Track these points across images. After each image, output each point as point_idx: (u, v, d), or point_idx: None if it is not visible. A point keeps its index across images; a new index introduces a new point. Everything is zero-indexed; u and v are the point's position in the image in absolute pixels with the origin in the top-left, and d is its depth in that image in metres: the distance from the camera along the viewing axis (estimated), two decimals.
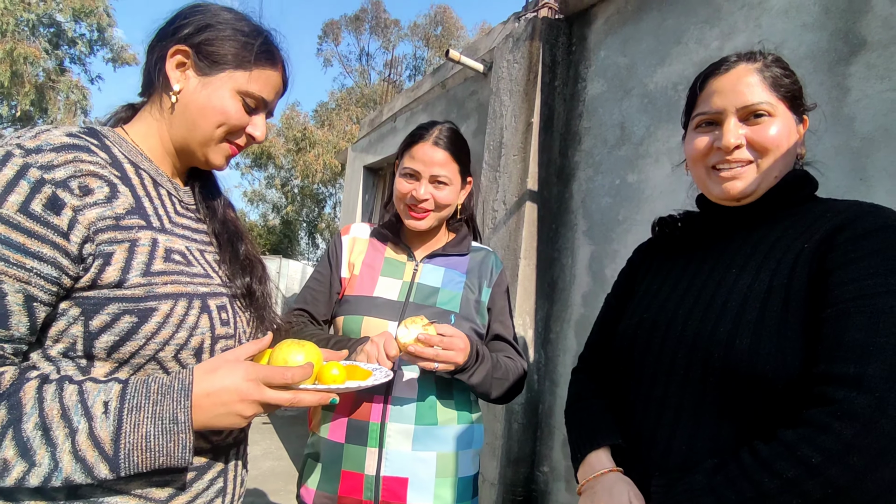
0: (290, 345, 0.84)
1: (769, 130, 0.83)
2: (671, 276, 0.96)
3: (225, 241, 0.94)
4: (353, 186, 5.18)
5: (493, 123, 2.74)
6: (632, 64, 2.21)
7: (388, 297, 1.30)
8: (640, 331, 0.93)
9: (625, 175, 2.18)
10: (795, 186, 0.86)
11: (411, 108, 4.09)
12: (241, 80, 0.85)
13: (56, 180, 0.68)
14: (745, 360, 0.75)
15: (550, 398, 2.40)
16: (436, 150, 1.27)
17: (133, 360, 0.73)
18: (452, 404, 1.27)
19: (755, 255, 0.83)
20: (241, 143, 0.91)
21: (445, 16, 22.36)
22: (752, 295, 0.78)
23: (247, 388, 0.74)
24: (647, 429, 0.87)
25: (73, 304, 0.70)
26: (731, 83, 0.85)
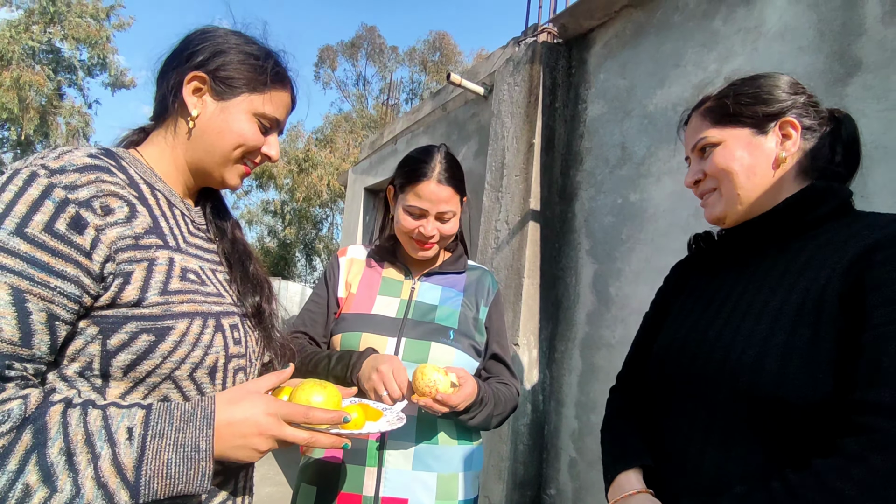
0: (313, 385, 0.85)
1: (713, 159, 0.90)
2: (704, 296, 0.95)
3: (235, 261, 0.95)
4: (354, 208, 5.21)
5: (494, 145, 2.78)
6: (631, 86, 2.25)
7: (387, 314, 1.29)
8: (671, 352, 0.92)
9: (627, 194, 2.20)
10: (808, 202, 0.84)
11: (412, 130, 4.14)
12: (256, 103, 0.88)
13: (79, 200, 0.69)
14: (772, 385, 0.73)
15: (556, 419, 2.38)
16: (441, 188, 1.24)
17: (149, 380, 0.74)
18: (454, 424, 1.25)
19: (787, 275, 0.81)
20: (257, 161, 0.94)
21: (444, 42, 22.78)
22: (782, 317, 0.76)
23: (267, 423, 0.74)
24: (676, 451, 0.86)
25: (92, 323, 0.71)
26: (688, 131, 0.98)
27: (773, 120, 0.87)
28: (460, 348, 1.25)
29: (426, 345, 1.23)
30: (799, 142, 0.87)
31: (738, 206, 0.89)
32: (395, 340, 1.25)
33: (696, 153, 0.94)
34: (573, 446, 2.27)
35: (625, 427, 1.01)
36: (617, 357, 2.13)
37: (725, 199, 0.89)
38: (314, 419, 0.77)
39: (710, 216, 0.93)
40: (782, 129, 0.87)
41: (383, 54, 23.34)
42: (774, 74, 0.92)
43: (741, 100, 0.89)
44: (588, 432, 2.21)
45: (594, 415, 2.18)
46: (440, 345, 1.23)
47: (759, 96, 0.89)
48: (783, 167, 0.87)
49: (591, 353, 2.26)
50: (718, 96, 0.93)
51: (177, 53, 0.88)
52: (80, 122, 14.59)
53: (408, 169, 1.27)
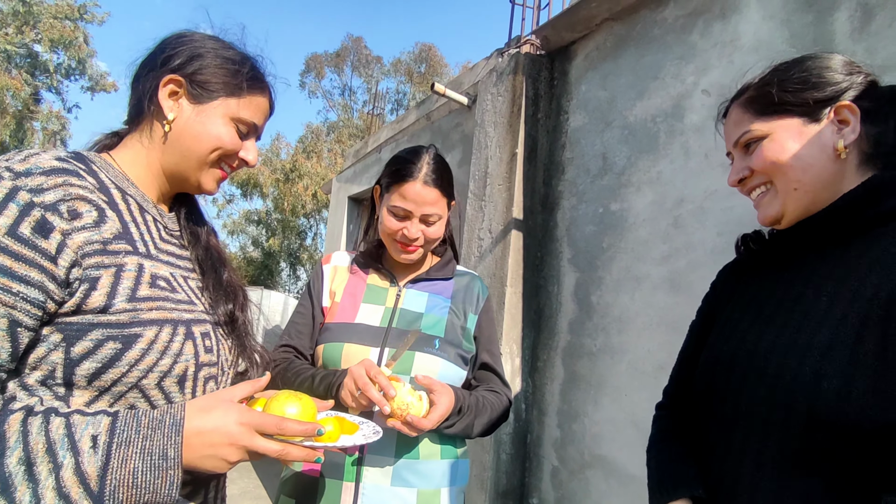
0: (288, 396, 0.83)
1: (761, 154, 0.81)
2: (754, 302, 0.86)
3: (208, 268, 0.93)
4: (338, 217, 5.18)
5: (478, 154, 2.80)
6: (612, 97, 2.29)
7: (370, 323, 1.26)
8: (719, 366, 0.84)
9: (608, 204, 2.23)
10: (873, 195, 0.75)
11: (396, 139, 4.15)
12: (233, 108, 0.87)
13: (45, 203, 0.68)
14: (833, 406, 0.65)
15: (538, 428, 2.37)
16: (427, 189, 1.20)
17: (114, 388, 0.71)
18: (437, 437, 1.21)
19: (850, 278, 0.72)
20: (234, 166, 0.93)
21: (430, 54, 22.95)
22: (845, 326, 0.69)
23: (238, 433, 0.72)
24: (727, 478, 0.79)
25: (55, 330, 0.68)
26: (728, 126, 0.90)
27: (826, 105, 0.78)
28: (446, 358, 1.22)
29: (410, 355, 1.20)
30: (858, 127, 0.77)
31: (798, 203, 0.80)
32: (379, 350, 1.21)
33: (739, 149, 0.86)
34: (555, 455, 2.26)
35: (673, 450, 0.93)
36: (598, 366, 2.14)
37: (782, 197, 0.81)
38: (287, 430, 0.75)
39: (764, 217, 0.84)
40: (838, 115, 0.78)
41: (369, 65, 23.43)
42: (824, 55, 0.83)
43: (787, 86, 0.80)
44: (570, 441, 2.21)
45: (576, 423, 2.18)
46: (425, 354, 1.20)
47: (809, 80, 0.79)
48: (843, 157, 0.77)
49: (573, 362, 2.26)
50: (761, 84, 0.84)
51: (153, 57, 0.87)
52: (57, 126, 14.34)
53: (394, 169, 1.25)
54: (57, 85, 14.81)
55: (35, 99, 14.29)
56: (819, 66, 0.81)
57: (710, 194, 1.83)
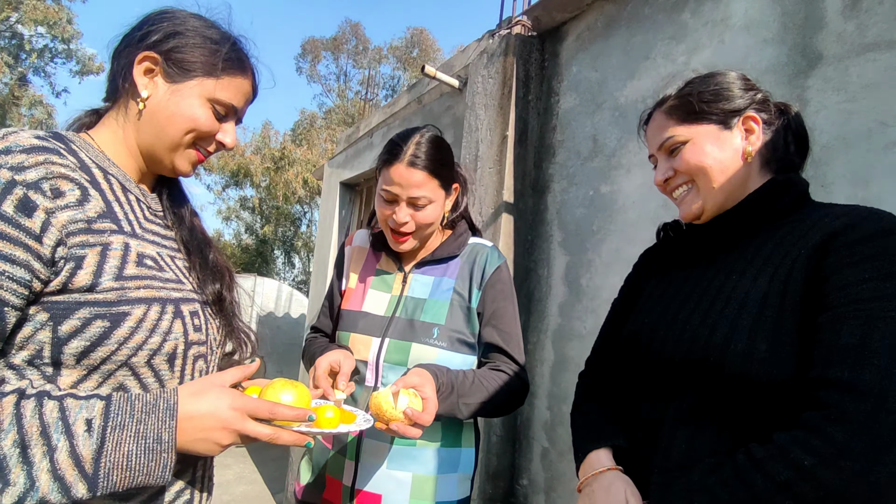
0: (283, 384, 0.85)
1: (684, 157, 0.92)
2: (674, 283, 0.98)
3: (194, 248, 0.93)
4: (330, 202, 5.15)
5: (468, 137, 2.77)
6: (603, 79, 2.27)
7: (376, 312, 1.27)
8: (641, 336, 0.95)
9: (598, 186, 2.22)
10: (773, 195, 0.89)
11: (388, 123, 4.11)
12: (210, 88, 0.85)
13: (27, 182, 0.67)
14: (739, 363, 0.76)
15: (528, 409, 2.39)
16: (411, 171, 1.18)
17: (104, 367, 0.71)
18: (438, 426, 1.22)
19: (755, 261, 0.85)
20: (211, 149, 0.91)
21: (422, 38, 22.70)
22: (749, 300, 0.80)
23: (230, 417, 0.74)
24: (648, 431, 0.88)
25: (41, 309, 0.68)
26: (651, 131, 1.00)
27: (735, 116, 0.91)
28: (444, 347, 1.21)
29: (407, 346, 1.21)
30: (761, 135, 0.91)
31: (716, 200, 0.91)
32: (379, 341, 1.23)
33: (662, 152, 0.96)
34: (545, 437, 2.28)
35: (595, 409, 1.03)
36: (588, 348, 2.12)
37: (703, 195, 0.91)
38: (279, 415, 0.77)
39: (687, 213, 0.95)
40: (744, 124, 0.91)
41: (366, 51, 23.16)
42: (726, 72, 0.96)
43: (704, 97, 0.92)
44: (560, 423, 2.22)
45: (566, 405, 2.19)
46: (422, 346, 1.20)
47: (721, 93, 0.92)
48: (750, 160, 0.91)
49: (563, 344, 2.27)
50: (681, 95, 0.95)
51: (132, 33, 0.85)
52: (43, 113, 14.13)
53: (384, 151, 1.24)
54: (44, 67, 14.56)
55: (21, 83, 14.05)
56: (726, 81, 0.94)
57: None
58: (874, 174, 1.37)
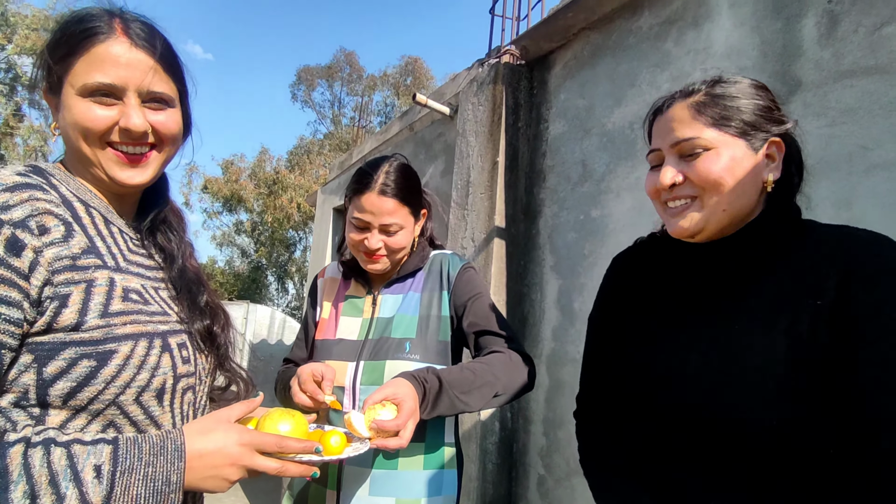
0: (281, 414, 0.85)
1: (704, 165, 0.77)
2: (670, 318, 0.86)
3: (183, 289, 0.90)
4: (323, 229, 5.16)
5: (460, 163, 2.80)
6: (590, 105, 2.31)
7: (349, 337, 1.28)
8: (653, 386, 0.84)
9: (588, 210, 2.24)
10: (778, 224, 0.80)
11: (380, 150, 4.15)
12: (77, 78, 0.74)
13: (14, 221, 0.66)
14: (773, 435, 0.70)
15: (524, 436, 2.36)
16: (383, 199, 1.19)
17: (91, 406, 0.70)
18: (421, 447, 1.21)
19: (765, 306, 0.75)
20: (119, 139, 0.78)
21: (416, 66, 23.10)
22: (774, 359, 0.72)
23: (239, 453, 0.73)
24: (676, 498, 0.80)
25: (25, 351, 0.67)
26: (665, 121, 0.83)
27: (765, 137, 0.79)
28: (418, 359, 1.20)
29: (381, 364, 1.20)
30: (780, 165, 0.80)
31: (720, 223, 0.79)
32: (354, 365, 1.23)
33: (675, 151, 0.81)
34: (541, 463, 2.25)
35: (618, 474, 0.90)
36: None
37: (707, 215, 0.79)
38: (287, 449, 0.77)
39: (682, 230, 0.81)
40: (768, 149, 0.79)
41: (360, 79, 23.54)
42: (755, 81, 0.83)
43: (742, 105, 0.79)
44: (556, 449, 2.19)
45: (561, 431, 2.17)
46: (395, 361, 1.20)
47: (758, 107, 0.79)
48: (769, 190, 0.79)
49: (558, 369, 2.26)
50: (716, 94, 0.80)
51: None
52: (39, 141, 14.17)
53: (354, 180, 1.26)
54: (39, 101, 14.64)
55: (16, 115, 14.13)
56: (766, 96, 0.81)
57: None
58: (856, 196, 1.40)
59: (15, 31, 13.13)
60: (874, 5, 1.43)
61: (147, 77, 0.77)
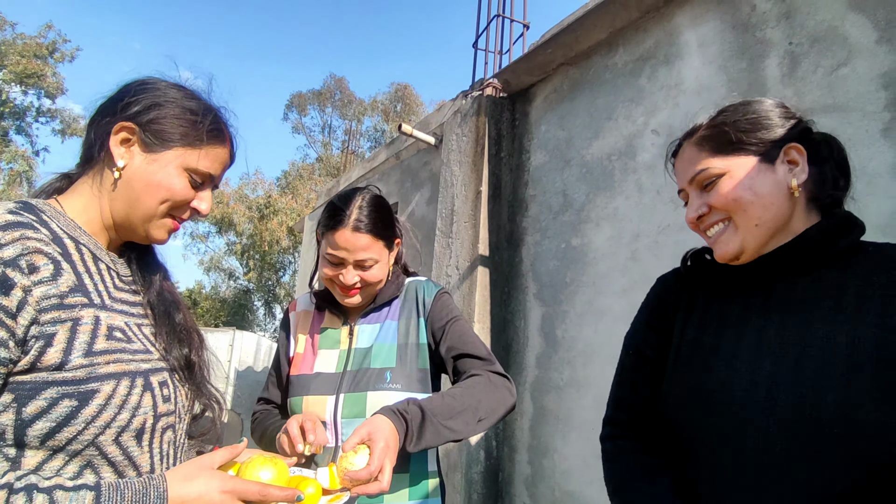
0: (262, 461, 0.85)
1: (721, 191, 0.82)
2: (728, 326, 0.84)
3: (161, 314, 0.91)
4: (310, 255, 5.16)
5: (444, 192, 2.85)
6: (570, 137, 2.38)
7: (327, 370, 1.26)
8: (709, 396, 0.81)
9: (569, 239, 2.28)
10: (838, 232, 0.79)
11: (367, 177, 4.20)
12: (189, 159, 0.86)
13: (4, 259, 0.67)
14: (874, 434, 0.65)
15: (510, 465, 2.35)
16: (357, 236, 1.17)
17: (70, 447, 0.70)
18: (406, 479, 1.20)
19: (840, 308, 0.74)
20: (185, 217, 0.91)
21: (406, 93, 23.47)
22: (860, 355, 0.68)
23: (221, 501, 0.74)
24: None
25: (5, 391, 0.67)
26: (681, 164, 0.90)
27: (777, 146, 0.81)
28: (400, 388, 1.20)
29: (363, 396, 1.20)
30: (807, 167, 0.81)
31: (758, 240, 0.81)
32: (334, 399, 1.22)
33: (694, 186, 0.86)
34: (527, 493, 2.24)
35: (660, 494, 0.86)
36: (565, 399, 2.15)
37: (743, 234, 0.81)
38: (269, 497, 0.77)
39: (724, 254, 0.83)
40: (787, 156, 0.81)
41: (350, 104, 23.85)
42: (763, 99, 0.87)
43: (741, 125, 0.83)
44: (541, 478, 2.19)
45: (546, 459, 2.17)
46: (377, 392, 1.19)
47: (759, 122, 0.82)
48: (797, 195, 0.80)
49: (541, 396, 2.27)
50: (714, 124, 0.85)
51: (111, 102, 0.87)
52: (24, 166, 14.08)
53: (326, 215, 1.24)
54: (27, 129, 14.63)
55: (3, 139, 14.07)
56: (764, 109, 0.84)
57: (664, 229, 1.90)
58: None
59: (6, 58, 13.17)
60: (830, 47, 1.52)
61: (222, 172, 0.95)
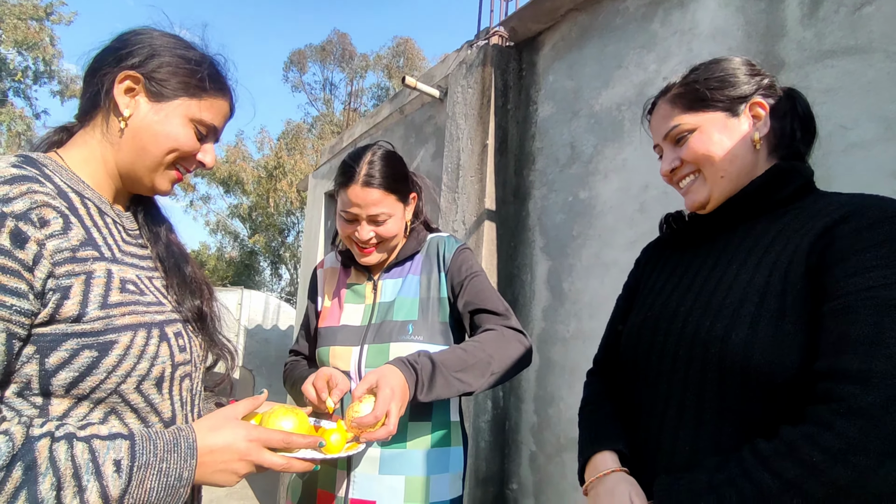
0: (284, 411, 0.89)
1: (692, 146, 0.90)
2: (675, 273, 0.96)
3: (171, 266, 0.93)
4: (315, 214, 5.16)
5: (450, 146, 2.81)
6: (578, 87, 2.32)
7: (352, 323, 1.31)
8: (644, 330, 0.93)
9: (576, 192, 2.26)
10: (776, 182, 0.86)
11: (370, 133, 4.14)
12: (193, 109, 0.86)
13: (16, 213, 0.67)
14: (740, 355, 0.74)
15: (516, 414, 2.41)
16: (368, 191, 1.21)
17: (94, 395, 0.72)
18: (428, 427, 1.24)
19: (755, 250, 0.83)
20: (190, 168, 0.92)
21: (408, 47, 22.80)
22: (751, 290, 0.78)
23: (247, 449, 0.78)
24: (651, 431, 0.87)
25: (28, 343, 0.68)
26: (656, 120, 0.97)
27: (742, 102, 0.88)
28: (422, 340, 1.23)
29: (385, 347, 1.23)
30: (769, 122, 0.88)
31: (722, 190, 0.89)
32: (359, 349, 1.26)
33: (668, 141, 0.94)
34: (533, 440, 2.31)
35: (602, 411, 1.01)
36: (571, 351, 2.18)
37: (710, 185, 0.89)
38: (293, 445, 0.82)
39: (692, 203, 0.92)
40: (752, 111, 0.89)
41: (352, 60, 23.22)
42: (731, 58, 0.93)
43: (710, 83, 0.89)
44: (546, 426, 2.25)
45: (552, 408, 2.23)
46: (399, 344, 1.23)
47: (727, 80, 0.89)
48: (758, 147, 0.88)
49: (548, 348, 2.30)
50: (685, 82, 0.93)
51: (109, 52, 0.85)
52: (22, 126, 13.94)
53: (338, 173, 1.27)
54: (25, 90, 14.39)
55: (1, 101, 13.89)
56: (732, 67, 0.91)
57: None
58: (835, 175, 1.43)
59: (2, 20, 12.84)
60: None
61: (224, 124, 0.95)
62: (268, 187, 18.34)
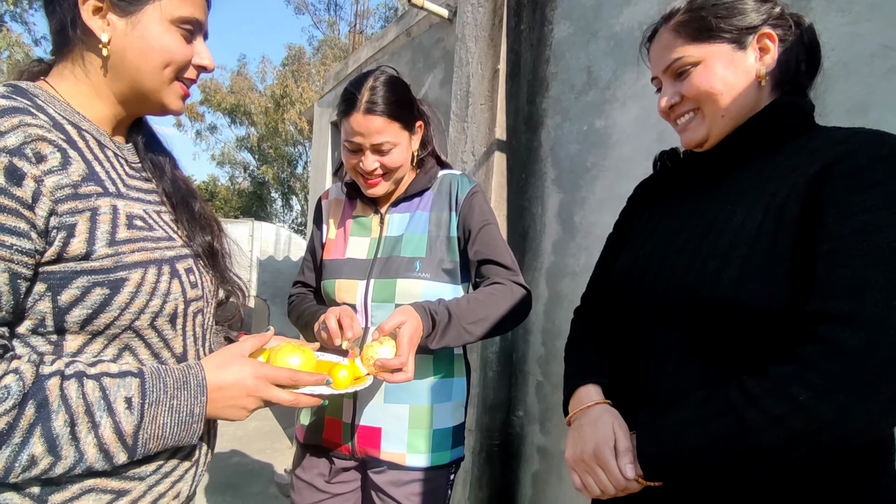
0: (291, 348, 0.90)
1: (695, 81, 0.84)
2: (668, 214, 0.94)
3: (179, 202, 0.90)
4: (322, 143, 5.05)
5: (459, 72, 2.66)
6: (597, 5, 2.14)
7: (358, 256, 1.30)
8: (634, 270, 0.92)
9: (592, 121, 2.15)
10: (774, 119, 0.82)
11: (376, 58, 3.94)
12: (169, 7, 0.78)
13: (9, 148, 0.63)
14: (729, 294, 0.74)
15: (524, 345, 2.45)
16: (370, 118, 1.17)
17: (108, 331, 0.72)
18: (430, 359, 1.27)
19: (750, 190, 0.80)
20: (193, 76, 0.86)
21: None
22: (744, 231, 0.77)
23: (254, 385, 0.79)
24: (636, 367, 0.87)
25: (38, 280, 0.67)
26: (656, 50, 0.90)
27: (750, 33, 0.82)
28: (428, 278, 1.23)
29: (392, 283, 1.23)
30: (776, 55, 0.83)
31: (722, 128, 0.85)
32: (365, 283, 1.26)
33: (668, 74, 0.88)
34: (539, 371, 2.36)
35: (587, 346, 1.02)
36: (580, 284, 2.16)
37: (709, 123, 0.85)
38: (300, 382, 0.83)
39: (690, 141, 0.88)
40: (759, 43, 0.83)
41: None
42: None
43: (718, 11, 0.82)
44: (553, 357, 2.29)
45: (559, 340, 2.25)
46: (406, 280, 1.23)
47: (735, 7, 0.83)
48: (763, 83, 0.83)
49: (557, 282, 2.29)
50: (691, 9, 0.85)
51: None
52: (20, 54, 13.53)
53: (340, 101, 1.22)
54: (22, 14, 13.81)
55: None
56: None
57: None
58: (874, 101, 1.33)
59: None
60: None
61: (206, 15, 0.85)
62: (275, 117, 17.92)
